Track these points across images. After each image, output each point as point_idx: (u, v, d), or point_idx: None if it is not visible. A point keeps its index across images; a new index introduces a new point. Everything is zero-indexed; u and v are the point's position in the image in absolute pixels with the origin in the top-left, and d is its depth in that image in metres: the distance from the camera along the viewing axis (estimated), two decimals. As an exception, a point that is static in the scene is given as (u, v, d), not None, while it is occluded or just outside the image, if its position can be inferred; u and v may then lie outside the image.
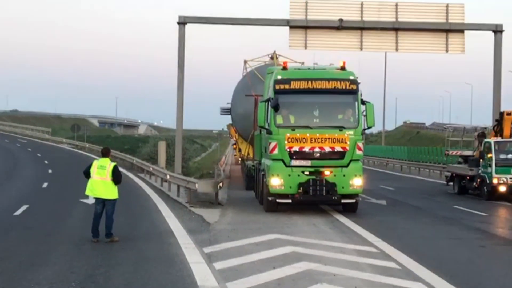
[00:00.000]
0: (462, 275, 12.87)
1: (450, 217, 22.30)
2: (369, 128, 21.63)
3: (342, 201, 21.38)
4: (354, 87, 21.47)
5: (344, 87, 21.44)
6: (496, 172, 28.23)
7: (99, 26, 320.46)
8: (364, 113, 21.28)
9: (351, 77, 21.60)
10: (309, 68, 23.28)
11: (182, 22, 34.02)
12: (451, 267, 13.43)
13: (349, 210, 21.85)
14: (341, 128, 21.15)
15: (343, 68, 22.00)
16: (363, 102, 21.41)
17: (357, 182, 21.15)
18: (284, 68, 22.35)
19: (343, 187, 21.06)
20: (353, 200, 21.59)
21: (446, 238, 17.52)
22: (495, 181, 28.20)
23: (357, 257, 14.13)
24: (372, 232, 17.71)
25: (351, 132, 21.13)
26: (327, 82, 21.49)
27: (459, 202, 27.45)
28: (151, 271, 12.40)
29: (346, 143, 21.02)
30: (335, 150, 21.03)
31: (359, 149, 21.21)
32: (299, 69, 24.88)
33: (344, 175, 21.03)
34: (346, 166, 21.09)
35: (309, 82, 21.52)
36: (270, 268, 12.65)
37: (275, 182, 21.07)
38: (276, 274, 12.25)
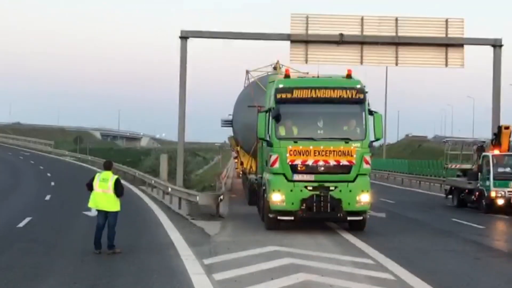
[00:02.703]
0: (455, 286, 13.20)
1: (447, 230, 22.58)
2: (377, 140, 20.51)
3: (348, 218, 20.15)
4: (361, 96, 20.21)
5: (350, 96, 20.17)
6: (494, 186, 28.58)
7: (102, 38, 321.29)
8: (372, 124, 20.07)
9: (358, 86, 20.32)
10: (313, 77, 22.01)
11: (184, 37, 34.24)
12: (444, 279, 13.72)
13: (356, 228, 20.58)
14: (347, 140, 19.92)
15: (349, 76, 20.69)
16: (370, 113, 20.14)
17: (364, 198, 19.98)
18: (286, 76, 21.14)
19: (349, 204, 19.81)
20: (360, 218, 20.29)
21: (442, 250, 17.81)
22: (493, 194, 28.55)
23: (354, 268, 14.41)
24: (369, 244, 17.97)
25: (358, 144, 19.87)
26: (332, 91, 20.24)
27: (458, 215, 27.71)
28: (152, 282, 12.70)
29: (352, 156, 19.80)
30: (341, 164, 19.81)
31: (367, 162, 20.03)
32: (302, 77, 23.72)
33: (350, 191, 19.81)
34: (353, 181, 19.89)
35: (313, 90, 20.21)
36: (268, 279, 12.94)
37: (276, 198, 19.85)
38: (274, 285, 12.56)
